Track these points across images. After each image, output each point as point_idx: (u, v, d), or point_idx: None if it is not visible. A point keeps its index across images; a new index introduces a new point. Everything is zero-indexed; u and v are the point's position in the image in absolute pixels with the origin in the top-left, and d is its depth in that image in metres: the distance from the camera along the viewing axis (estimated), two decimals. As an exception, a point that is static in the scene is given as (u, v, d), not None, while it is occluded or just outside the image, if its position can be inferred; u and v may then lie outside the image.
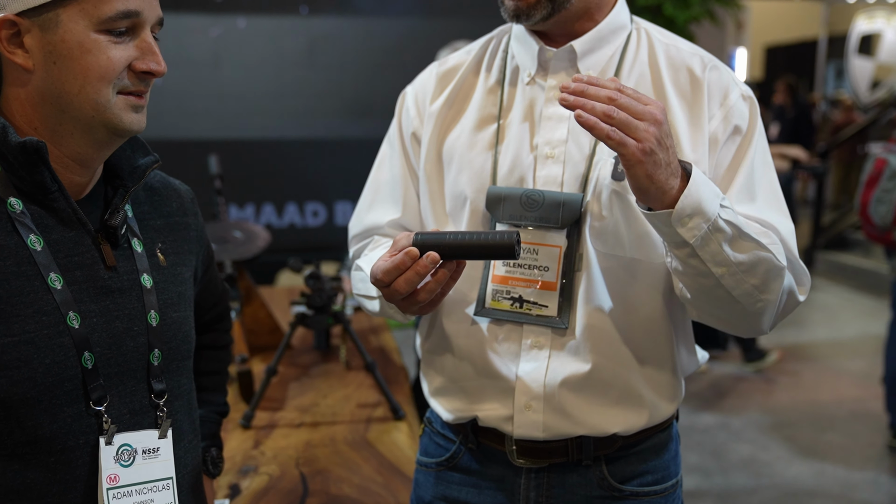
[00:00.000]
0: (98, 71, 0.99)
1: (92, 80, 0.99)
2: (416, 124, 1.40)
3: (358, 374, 2.39)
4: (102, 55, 0.99)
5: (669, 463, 1.38)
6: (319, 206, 6.14)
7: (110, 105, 1.01)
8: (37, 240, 1.01)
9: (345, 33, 5.89)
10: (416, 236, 1.13)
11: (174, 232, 1.20)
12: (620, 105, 1.04)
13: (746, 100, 1.27)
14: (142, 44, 1.02)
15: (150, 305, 1.10)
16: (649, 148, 1.03)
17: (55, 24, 0.97)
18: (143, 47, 1.02)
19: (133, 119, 1.04)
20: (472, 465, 1.38)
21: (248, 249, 2.53)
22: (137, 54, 1.02)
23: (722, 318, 1.23)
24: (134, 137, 1.15)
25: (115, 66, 1.00)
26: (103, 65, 0.99)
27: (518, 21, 1.26)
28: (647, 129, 1.03)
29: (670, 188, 1.07)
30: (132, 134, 1.05)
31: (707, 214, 1.09)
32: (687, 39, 1.36)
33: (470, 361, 1.33)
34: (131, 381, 1.08)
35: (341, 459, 1.87)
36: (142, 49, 1.02)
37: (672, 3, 6.66)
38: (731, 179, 1.25)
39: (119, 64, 1.00)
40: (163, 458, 1.10)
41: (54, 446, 1.01)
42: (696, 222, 1.09)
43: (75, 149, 1.04)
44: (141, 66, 1.02)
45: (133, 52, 1.01)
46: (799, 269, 1.26)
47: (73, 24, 0.97)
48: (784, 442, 4.13)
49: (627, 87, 1.06)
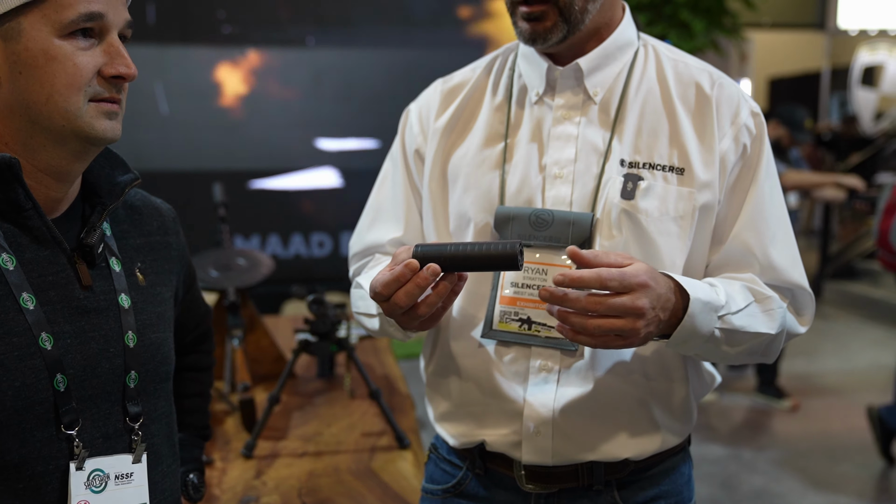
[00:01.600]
0: (65, 79, 0.96)
1: (59, 89, 0.96)
2: (420, 141, 1.38)
3: (362, 403, 2.35)
4: (69, 62, 0.95)
5: (683, 488, 1.35)
6: (325, 237, 6.13)
7: (81, 113, 0.97)
8: (9, 259, 0.97)
9: (351, 64, 5.92)
10: (416, 248, 1.10)
11: (154, 251, 1.17)
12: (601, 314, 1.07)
13: (755, 116, 1.27)
14: (109, 48, 0.98)
15: (128, 326, 1.07)
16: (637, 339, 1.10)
17: (17, 33, 0.94)
18: (110, 52, 0.98)
19: (106, 126, 1.00)
20: (480, 492, 1.34)
21: (252, 276, 2.51)
22: (105, 59, 0.98)
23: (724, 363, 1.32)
24: (114, 155, 1.12)
25: (82, 74, 0.96)
26: (70, 72, 0.96)
27: (534, 44, 1.25)
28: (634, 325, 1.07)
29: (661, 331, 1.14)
30: (107, 142, 1.01)
31: (702, 335, 1.15)
32: None
33: (476, 385, 1.30)
34: (105, 404, 1.04)
35: (345, 489, 1.82)
36: (109, 53, 0.98)
37: (676, 33, 6.70)
38: (742, 202, 1.25)
39: (87, 71, 0.97)
40: (136, 483, 1.06)
41: (23, 472, 0.97)
42: (692, 343, 1.16)
43: (49, 161, 1.00)
44: (110, 70, 0.98)
45: (101, 57, 0.98)
46: (801, 299, 1.28)
47: (35, 32, 0.94)
48: (796, 473, 4.06)
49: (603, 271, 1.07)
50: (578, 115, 1.27)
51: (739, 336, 1.19)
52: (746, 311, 1.18)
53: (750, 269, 1.25)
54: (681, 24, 6.84)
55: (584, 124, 1.27)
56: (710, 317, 1.14)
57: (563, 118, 1.28)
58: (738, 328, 1.17)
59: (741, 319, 1.18)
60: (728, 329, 1.17)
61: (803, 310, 1.28)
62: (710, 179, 1.22)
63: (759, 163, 1.25)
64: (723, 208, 1.25)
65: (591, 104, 1.28)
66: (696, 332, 1.13)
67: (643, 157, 1.24)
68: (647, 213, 1.21)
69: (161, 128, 5.55)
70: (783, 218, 1.27)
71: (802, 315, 1.28)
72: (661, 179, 1.23)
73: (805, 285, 1.26)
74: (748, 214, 1.24)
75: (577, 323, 1.07)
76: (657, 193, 1.22)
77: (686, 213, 1.22)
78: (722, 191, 1.24)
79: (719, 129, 1.24)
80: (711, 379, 1.37)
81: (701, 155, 1.23)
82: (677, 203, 1.22)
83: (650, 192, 1.22)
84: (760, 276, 1.24)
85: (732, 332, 1.17)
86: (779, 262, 1.24)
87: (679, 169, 1.23)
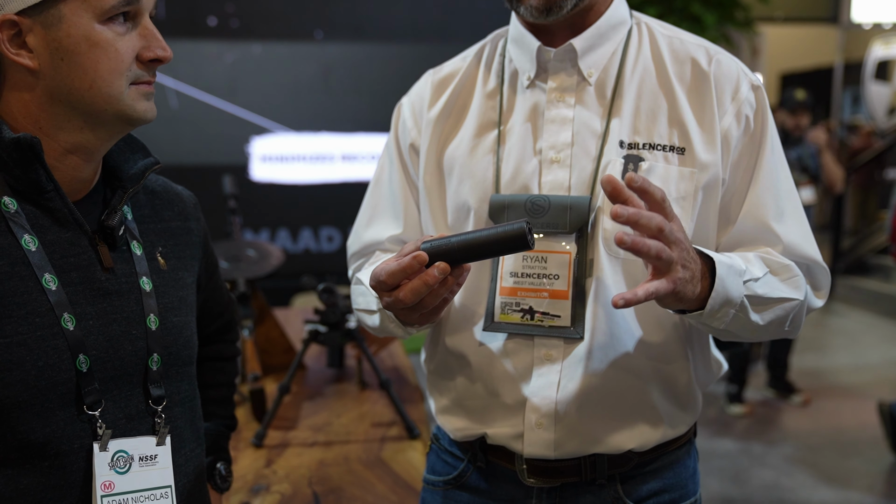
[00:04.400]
0: (108, 64, 0.97)
1: (103, 74, 0.97)
2: (414, 135, 1.35)
3: (372, 393, 2.36)
4: (111, 48, 0.97)
5: (687, 481, 1.32)
6: (334, 232, 6.14)
7: (123, 97, 0.99)
8: (31, 240, 0.98)
9: (359, 59, 5.92)
10: (422, 245, 1.06)
11: (175, 236, 1.17)
12: (666, 238, 1.01)
13: (756, 90, 1.24)
14: (144, 31, 1.00)
15: (150, 309, 1.07)
16: (678, 279, 1.03)
17: (58, 20, 0.95)
18: (146, 35, 1.01)
19: (147, 107, 1.03)
20: (481, 485, 1.32)
21: (262, 268, 2.51)
22: (143, 43, 1.00)
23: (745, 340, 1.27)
24: (134, 139, 1.13)
25: (124, 59, 0.98)
26: (113, 58, 0.97)
27: (547, 17, 1.19)
28: (678, 261, 1.03)
29: (696, 294, 1.08)
30: (146, 122, 1.04)
31: (734, 301, 1.11)
32: None
33: (478, 378, 1.28)
34: (128, 386, 1.05)
35: (355, 478, 1.83)
36: (145, 37, 1.00)
37: (687, 26, 6.67)
38: (751, 179, 1.23)
39: (127, 56, 0.99)
40: (161, 465, 1.07)
41: (47, 451, 0.98)
42: (725, 311, 1.12)
43: (82, 142, 1.02)
44: (148, 54, 1.00)
45: (137, 41, 1.00)
46: (816, 272, 1.25)
47: (76, 18, 0.95)
48: (807, 468, 4.04)
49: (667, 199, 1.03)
50: (573, 98, 1.24)
51: (770, 305, 1.16)
52: (764, 280, 1.16)
53: (764, 245, 1.22)
54: (692, 17, 6.82)
55: (580, 106, 1.24)
56: (737, 280, 1.12)
57: (557, 100, 1.24)
58: (765, 294, 1.15)
59: (763, 287, 1.15)
60: (753, 296, 1.14)
61: (819, 283, 1.26)
62: (712, 159, 1.19)
63: (764, 138, 1.22)
64: (729, 187, 1.22)
65: (586, 85, 1.24)
66: (729, 297, 1.10)
67: (643, 138, 1.21)
68: None
69: (169, 123, 5.57)
70: (791, 192, 1.25)
71: (819, 289, 1.26)
72: (661, 160, 1.20)
73: (819, 259, 1.23)
74: (757, 191, 1.22)
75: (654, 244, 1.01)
76: (659, 174, 1.19)
77: (688, 193, 1.19)
78: (727, 169, 1.21)
79: (719, 106, 1.21)
80: (718, 366, 1.35)
81: (701, 134, 1.20)
82: (679, 184, 1.19)
83: (651, 172, 1.19)
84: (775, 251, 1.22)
85: (762, 298, 1.15)
86: (791, 237, 1.21)
87: (680, 149, 1.20)
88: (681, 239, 1.03)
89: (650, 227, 1.00)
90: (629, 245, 0.99)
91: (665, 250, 1.00)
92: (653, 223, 1.00)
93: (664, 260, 1.01)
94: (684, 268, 1.04)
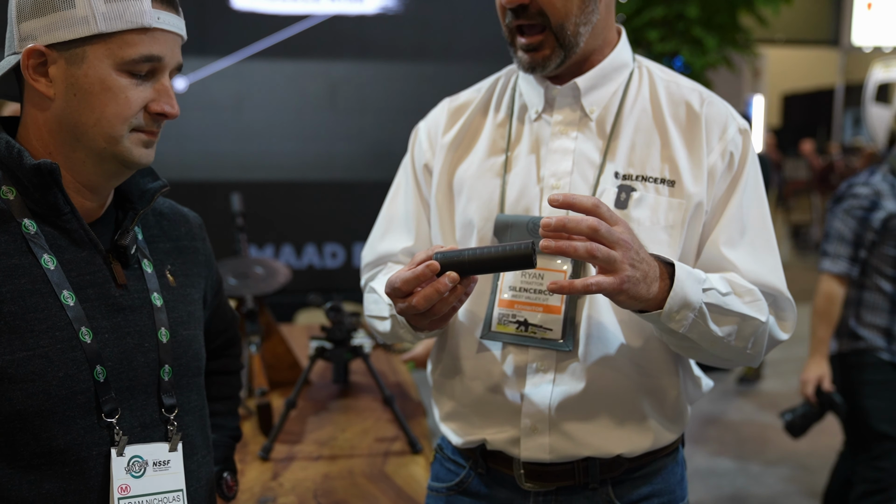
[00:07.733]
0: (115, 109, 1.04)
1: (108, 116, 1.04)
2: (429, 156, 1.46)
3: (376, 409, 2.40)
4: (122, 95, 1.04)
5: (675, 487, 1.41)
6: (338, 248, 6.19)
7: (122, 140, 1.06)
8: (50, 259, 1.05)
9: (365, 77, 6.00)
10: (435, 255, 1.16)
11: (183, 255, 1.25)
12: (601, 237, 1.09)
13: (742, 133, 1.34)
14: (159, 86, 1.07)
15: (161, 323, 1.14)
16: (626, 277, 1.10)
17: (81, 59, 1.03)
18: (160, 90, 1.07)
19: (142, 153, 1.09)
20: (482, 490, 1.41)
21: (269, 285, 2.56)
22: (154, 96, 1.07)
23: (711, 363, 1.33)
24: None
25: (131, 107, 1.05)
26: (121, 104, 1.05)
27: (534, 72, 1.34)
28: (622, 260, 1.09)
29: (653, 294, 1.15)
30: (140, 167, 1.11)
31: (693, 305, 1.17)
32: (704, 86, 1.42)
33: (477, 385, 1.37)
34: (142, 396, 1.12)
35: (359, 491, 1.87)
36: (158, 91, 1.07)
37: (688, 49, 6.75)
38: (721, 211, 1.31)
39: (136, 105, 1.06)
40: (173, 470, 1.13)
41: (68, 457, 1.04)
42: (684, 314, 1.18)
43: (87, 176, 1.09)
44: (155, 107, 1.07)
45: (150, 93, 1.07)
46: (782, 303, 1.32)
47: (97, 62, 1.03)
48: (805, 487, 4.07)
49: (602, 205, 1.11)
50: (575, 131, 1.36)
51: (729, 317, 1.22)
52: (725, 296, 1.22)
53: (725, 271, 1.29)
54: (693, 41, 6.89)
55: (581, 139, 1.35)
56: (696, 287, 1.18)
57: (561, 133, 1.36)
58: (724, 304, 1.21)
59: (722, 299, 1.21)
60: (714, 304, 1.20)
61: (785, 315, 1.32)
62: (699, 190, 1.30)
63: (741, 176, 1.32)
64: (708, 219, 1.32)
65: (588, 121, 1.36)
66: (687, 300, 1.16)
67: (636, 170, 1.32)
68: (640, 222, 1.28)
69: (176, 139, 5.64)
70: (764, 227, 1.33)
71: (784, 320, 1.32)
72: (652, 191, 1.30)
73: (785, 290, 1.30)
74: (721, 222, 1.31)
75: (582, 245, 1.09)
76: (649, 204, 1.29)
77: (676, 222, 1.29)
78: (710, 201, 1.31)
79: (708, 144, 1.32)
80: (704, 384, 1.43)
81: (691, 168, 1.31)
82: (668, 213, 1.29)
83: (642, 202, 1.29)
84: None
85: (721, 309, 1.21)
86: (746, 264, 1.28)
87: (670, 181, 1.30)
88: (626, 240, 1.11)
89: (580, 229, 1.08)
90: (553, 250, 1.08)
91: (600, 249, 1.08)
92: (582, 225, 1.09)
93: (601, 259, 1.08)
94: (633, 267, 1.11)
